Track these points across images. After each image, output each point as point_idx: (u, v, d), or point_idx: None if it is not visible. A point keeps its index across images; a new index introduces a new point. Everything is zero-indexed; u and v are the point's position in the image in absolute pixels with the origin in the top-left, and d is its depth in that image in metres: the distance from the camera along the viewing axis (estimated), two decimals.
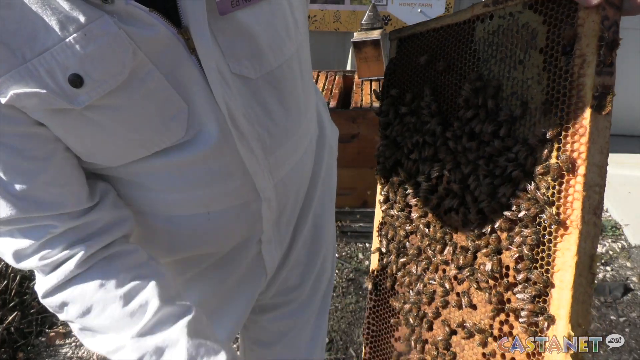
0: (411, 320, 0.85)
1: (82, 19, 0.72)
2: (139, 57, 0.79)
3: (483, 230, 0.75)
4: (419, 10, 3.85)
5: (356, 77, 3.50)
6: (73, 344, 2.81)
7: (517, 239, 0.70)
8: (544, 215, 0.67)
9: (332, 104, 3.10)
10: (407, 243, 0.89)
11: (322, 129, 1.38)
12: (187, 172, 0.96)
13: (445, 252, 0.81)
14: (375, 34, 3.28)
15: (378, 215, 0.97)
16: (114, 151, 0.89)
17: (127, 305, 0.88)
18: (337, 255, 3.16)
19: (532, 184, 0.68)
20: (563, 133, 0.64)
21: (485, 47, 0.77)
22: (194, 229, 1.06)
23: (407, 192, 0.89)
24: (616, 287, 3.01)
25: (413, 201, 0.88)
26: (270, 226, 1.17)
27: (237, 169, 0.99)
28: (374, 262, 0.96)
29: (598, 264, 0.68)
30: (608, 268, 3.21)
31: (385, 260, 0.93)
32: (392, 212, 0.93)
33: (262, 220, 1.12)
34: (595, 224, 0.64)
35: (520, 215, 0.69)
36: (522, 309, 0.68)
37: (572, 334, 0.61)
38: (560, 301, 0.64)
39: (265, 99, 0.98)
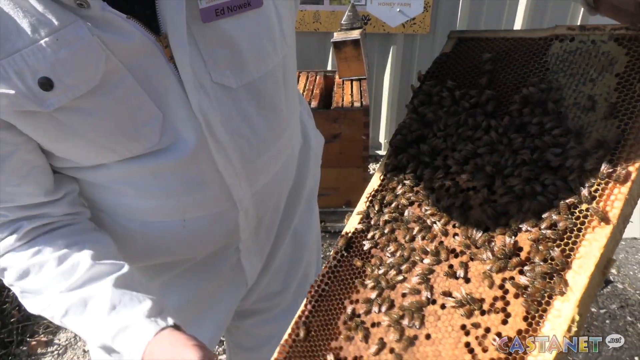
0: (382, 283, 0.83)
1: (55, 23, 0.72)
2: (113, 63, 0.78)
3: (506, 210, 0.77)
4: (398, 10, 3.87)
5: (337, 77, 3.50)
6: (55, 352, 2.77)
7: (545, 224, 0.71)
8: (580, 207, 0.69)
9: (314, 104, 3.10)
10: (406, 210, 0.88)
11: (307, 139, 1.37)
12: (162, 179, 0.95)
13: (450, 225, 0.81)
14: (355, 34, 3.29)
15: (374, 184, 0.96)
16: (84, 153, 0.88)
17: (60, 265, 0.88)
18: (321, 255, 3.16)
19: (578, 178, 0.71)
20: (622, 142, 0.69)
21: (558, 61, 0.83)
22: (169, 235, 1.05)
23: (426, 165, 0.91)
24: None
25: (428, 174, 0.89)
26: (248, 235, 1.16)
27: (213, 178, 0.99)
28: (351, 225, 0.94)
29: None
30: None
31: (367, 224, 0.92)
32: (397, 179, 0.93)
33: (239, 229, 1.11)
34: (621, 232, 0.67)
35: (557, 202, 0.71)
36: (530, 286, 0.68)
37: (577, 318, 0.62)
38: (575, 285, 0.64)
39: (246, 109, 0.98)
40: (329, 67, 4.16)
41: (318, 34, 4.04)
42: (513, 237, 0.74)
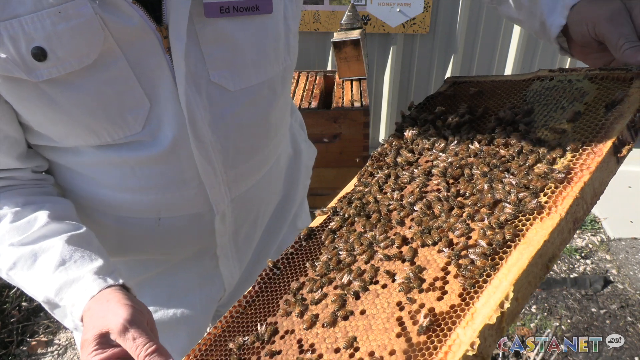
0: (331, 265, 0.86)
1: None
2: (110, 44, 0.79)
3: (462, 205, 0.82)
4: (398, 9, 3.87)
5: (337, 77, 3.50)
6: (55, 352, 2.77)
7: (497, 212, 0.77)
8: (527, 200, 0.74)
9: (314, 104, 3.10)
10: (370, 204, 0.94)
11: (298, 150, 1.37)
12: (140, 172, 0.95)
13: (408, 218, 0.87)
14: (355, 34, 3.29)
15: (348, 188, 1.04)
16: (64, 130, 0.88)
17: (16, 221, 0.88)
18: None
19: (535, 177, 0.77)
20: (580, 151, 0.76)
21: (536, 95, 0.93)
22: (143, 233, 1.05)
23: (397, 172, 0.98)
24: (596, 279, 3.06)
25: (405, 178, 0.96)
26: (226, 241, 1.16)
27: (192, 178, 0.98)
28: (317, 221, 0.98)
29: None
30: (588, 261, 3.26)
31: (333, 219, 0.96)
32: (368, 182, 1.00)
33: (215, 234, 1.11)
34: (570, 231, 0.71)
35: (510, 198, 0.76)
36: (469, 265, 0.71)
37: (511, 295, 0.64)
38: (514, 266, 0.67)
39: (239, 113, 0.97)
40: (329, 67, 4.16)
41: (318, 34, 4.04)
42: (464, 224, 0.78)
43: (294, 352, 0.76)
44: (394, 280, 0.77)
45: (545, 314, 2.84)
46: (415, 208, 0.87)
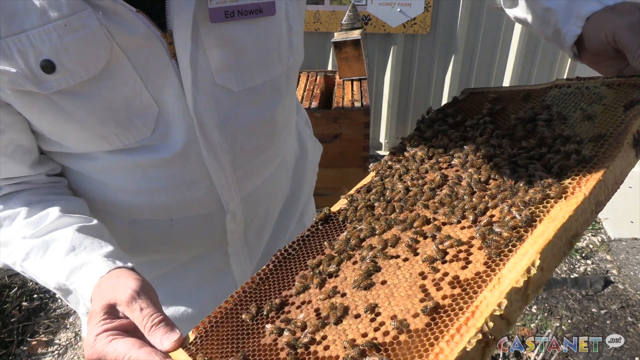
0: (352, 242, 0.87)
1: (65, 8, 0.73)
2: (116, 53, 0.79)
3: (485, 187, 0.85)
4: (399, 9, 3.87)
5: (337, 77, 3.50)
6: (56, 352, 2.77)
7: (520, 194, 0.79)
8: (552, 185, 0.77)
9: (314, 104, 3.10)
10: (387, 191, 0.96)
11: (304, 149, 1.38)
12: (151, 175, 0.96)
13: (430, 201, 0.89)
14: (356, 34, 3.29)
15: (366, 180, 1.04)
16: (76, 137, 0.89)
17: (29, 217, 0.89)
18: None
19: (556, 164, 0.81)
20: (602, 141, 0.80)
21: (554, 100, 0.98)
22: (156, 234, 1.05)
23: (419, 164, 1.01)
24: (597, 280, 3.06)
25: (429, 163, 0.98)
26: (237, 239, 1.17)
27: (202, 179, 0.99)
28: (335, 207, 0.99)
29: (578, 253, 0.70)
30: (589, 262, 3.26)
31: (350, 204, 0.98)
32: (388, 172, 1.02)
33: (226, 233, 1.12)
34: (592, 213, 0.74)
35: (534, 180, 0.79)
36: (499, 233, 0.73)
37: (538, 262, 0.65)
38: (540, 237, 0.69)
39: (244, 113, 0.98)
40: (330, 67, 4.17)
41: (318, 34, 4.05)
42: (488, 202, 0.80)
43: (312, 320, 0.76)
44: (416, 254, 0.78)
45: (546, 314, 2.84)
46: (438, 192, 0.89)
